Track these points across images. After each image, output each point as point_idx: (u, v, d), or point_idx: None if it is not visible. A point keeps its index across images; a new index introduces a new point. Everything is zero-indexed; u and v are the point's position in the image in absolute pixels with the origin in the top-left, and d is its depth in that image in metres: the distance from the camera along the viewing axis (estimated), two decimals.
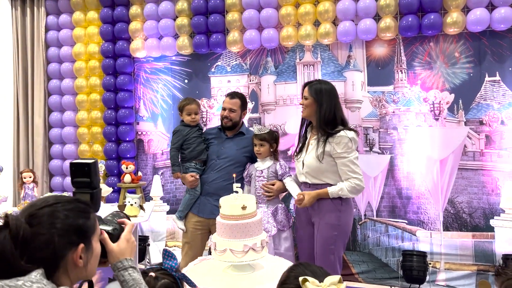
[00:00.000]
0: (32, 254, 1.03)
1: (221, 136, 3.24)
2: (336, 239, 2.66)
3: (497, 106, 3.73)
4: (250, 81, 4.44)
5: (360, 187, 2.66)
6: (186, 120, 3.26)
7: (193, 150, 3.20)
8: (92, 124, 4.82)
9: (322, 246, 2.68)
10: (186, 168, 3.23)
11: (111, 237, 1.29)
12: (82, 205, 1.16)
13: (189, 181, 3.17)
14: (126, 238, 1.32)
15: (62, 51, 4.90)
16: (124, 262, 1.28)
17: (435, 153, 3.88)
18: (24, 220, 1.05)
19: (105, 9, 4.69)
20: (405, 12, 3.77)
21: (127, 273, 1.26)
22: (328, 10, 3.94)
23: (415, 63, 3.92)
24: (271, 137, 3.01)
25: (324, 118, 2.66)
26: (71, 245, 1.09)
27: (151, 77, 4.73)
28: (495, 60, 3.71)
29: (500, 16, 3.52)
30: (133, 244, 1.34)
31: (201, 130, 3.31)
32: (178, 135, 3.24)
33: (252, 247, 2.14)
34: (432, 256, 3.88)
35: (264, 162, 3.04)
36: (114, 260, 1.27)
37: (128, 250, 1.31)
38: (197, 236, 3.18)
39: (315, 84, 2.76)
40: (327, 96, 2.69)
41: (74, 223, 1.11)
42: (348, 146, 2.62)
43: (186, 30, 4.39)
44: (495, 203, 3.73)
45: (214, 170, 3.16)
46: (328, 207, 2.67)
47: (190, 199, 3.23)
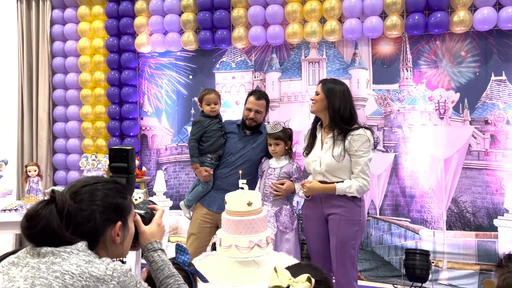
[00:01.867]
0: (76, 228, 1.13)
1: (239, 133, 3.19)
2: (357, 234, 2.71)
3: (502, 105, 3.72)
4: (255, 78, 4.43)
5: (366, 188, 2.68)
6: (206, 110, 3.18)
7: (212, 144, 3.14)
8: (96, 118, 4.82)
9: (343, 241, 2.68)
10: (202, 161, 3.18)
11: (143, 220, 1.38)
12: (120, 186, 1.26)
13: (203, 175, 3.14)
14: (157, 222, 1.41)
15: (67, 45, 4.90)
16: (154, 244, 1.36)
17: (439, 152, 3.87)
18: (68, 196, 1.15)
19: (111, 4, 4.68)
20: (412, 10, 3.76)
21: (157, 254, 1.34)
22: (334, 7, 3.93)
23: (421, 62, 3.90)
24: (286, 135, 2.98)
25: (339, 115, 2.66)
26: (110, 221, 1.19)
27: (156, 73, 4.73)
28: (502, 60, 3.70)
29: (507, 15, 3.51)
30: (163, 228, 1.43)
31: (221, 122, 3.24)
32: (198, 126, 3.16)
33: (257, 243, 2.15)
34: (435, 255, 3.88)
35: (279, 160, 3.00)
36: (145, 241, 1.36)
37: (159, 233, 1.40)
38: (204, 229, 3.17)
39: (329, 81, 2.77)
40: (340, 93, 2.69)
41: (113, 201, 1.21)
42: (365, 146, 2.63)
43: (191, 25, 4.38)
44: (499, 203, 3.73)
45: (229, 167, 3.14)
46: (349, 203, 2.69)
47: (201, 191, 3.20)
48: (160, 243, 1.38)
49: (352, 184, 2.64)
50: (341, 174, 2.69)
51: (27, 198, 3.28)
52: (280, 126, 2.96)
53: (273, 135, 2.92)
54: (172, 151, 4.70)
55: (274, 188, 2.89)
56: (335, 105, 2.66)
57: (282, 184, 2.89)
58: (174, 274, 1.31)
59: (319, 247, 2.84)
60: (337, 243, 2.70)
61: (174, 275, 1.31)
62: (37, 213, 1.10)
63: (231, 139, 3.19)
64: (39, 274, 1.05)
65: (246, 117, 3.12)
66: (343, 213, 2.68)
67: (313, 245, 2.87)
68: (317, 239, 2.83)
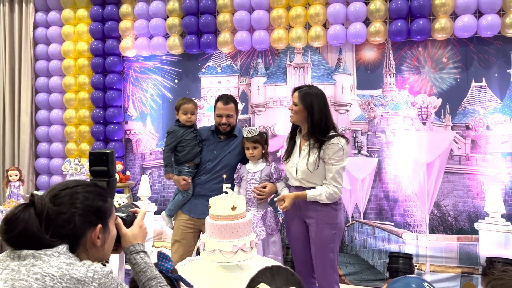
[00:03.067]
0: (55, 231, 1.14)
1: (214, 138, 3.20)
2: (335, 237, 2.76)
3: (482, 111, 3.80)
4: (241, 82, 4.45)
5: (337, 195, 2.70)
6: (182, 119, 3.20)
7: (187, 153, 3.15)
8: (80, 122, 4.77)
9: (322, 245, 2.74)
10: (179, 171, 3.20)
11: (125, 223, 1.38)
12: (100, 189, 1.27)
13: (181, 184, 3.15)
14: (139, 224, 1.41)
15: (50, 48, 4.85)
16: (137, 246, 1.36)
17: (422, 157, 3.93)
18: (48, 200, 1.16)
19: (95, 7, 4.66)
20: (395, 17, 3.82)
21: (139, 256, 1.34)
22: (319, 13, 3.97)
23: (404, 68, 3.97)
24: (262, 139, 3.02)
25: (316, 126, 2.68)
26: (90, 224, 1.20)
27: (141, 76, 4.70)
28: (482, 66, 3.78)
29: (487, 23, 3.59)
30: (145, 230, 1.43)
31: (196, 131, 3.26)
32: (173, 136, 3.18)
33: (241, 248, 2.15)
34: (418, 258, 3.92)
35: (257, 164, 3.03)
36: (127, 244, 1.37)
37: (141, 235, 1.40)
38: (188, 234, 3.17)
39: (305, 90, 2.75)
40: (317, 103, 2.70)
41: (93, 204, 1.22)
42: (338, 154, 2.67)
43: (177, 30, 4.38)
44: (479, 207, 3.80)
45: (207, 173, 3.15)
46: (325, 207, 2.72)
47: (182, 200, 3.21)
48: (143, 245, 1.38)
49: (322, 192, 2.68)
50: (317, 181, 2.73)
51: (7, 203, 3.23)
52: (257, 130, 2.99)
53: (250, 138, 2.95)
54: (157, 156, 4.68)
55: (257, 192, 2.90)
56: (314, 119, 2.68)
57: (265, 187, 2.92)
58: (157, 276, 1.31)
59: (301, 250, 2.88)
60: (316, 247, 2.76)
61: (157, 277, 1.31)
62: (15, 217, 1.11)
63: (207, 146, 3.19)
64: (19, 276, 1.05)
65: (219, 124, 3.12)
66: (320, 217, 2.74)
67: (295, 248, 2.92)
68: (299, 242, 2.87)
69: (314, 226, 2.76)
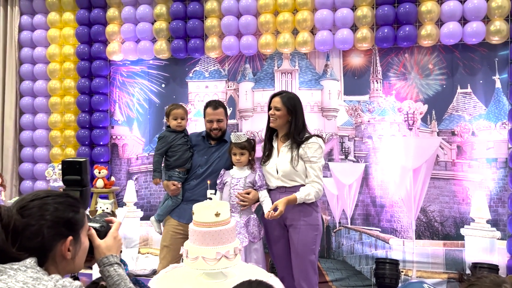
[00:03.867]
0: (23, 243, 1.10)
1: (205, 144, 3.20)
2: (316, 239, 2.81)
3: (468, 117, 3.82)
4: (228, 87, 4.43)
5: (321, 192, 2.80)
6: (172, 125, 3.21)
7: (178, 158, 3.15)
8: (65, 127, 4.71)
9: (304, 247, 2.77)
10: (169, 176, 3.19)
11: (98, 234, 1.35)
12: (72, 200, 1.22)
13: (171, 189, 3.14)
14: (113, 235, 1.38)
15: (35, 52, 4.79)
16: (110, 258, 1.33)
17: (408, 162, 3.94)
18: (15, 211, 1.12)
19: (82, 11, 4.61)
20: (381, 23, 3.84)
21: (113, 268, 1.31)
22: (306, 19, 3.98)
23: (390, 74, 3.99)
24: (250, 145, 2.99)
25: (297, 128, 2.80)
26: (60, 236, 1.15)
27: (128, 81, 4.66)
28: (467, 73, 3.82)
29: (472, 30, 3.63)
30: (119, 242, 1.40)
31: (187, 137, 3.25)
32: (163, 141, 3.18)
33: (224, 255, 2.12)
34: (404, 264, 3.93)
35: (242, 170, 3.00)
36: (100, 255, 1.33)
37: (115, 247, 1.36)
38: (177, 240, 3.13)
39: (285, 95, 2.87)
40: (299, 107, 2.84)
41: (63, 215, 1.17)
42: (318, 152, 2.78)
43: (164, 34, 4.35)
44: (465, 212, 3.82)
45: (198, 179, 3.14)
46: (307, 209, 2.78)
47: (171, 205, 3.20)
48: (117, 257, 1.35)
49: (310, 192, 2.74)
50: (297, 178, 2.81)
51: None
52: (245, 136, 2.97)
53: (238, 144, 2.92)
54: (143, 161, 4.63)
55: (241, 198, 2.88)
56: (297, 122, 2.80)
57: (248, 194, 2.89)
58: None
59: (283, 255, 2.90)
60: (298, 249, 2.79)
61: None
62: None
63: (197, 151, 3.20)
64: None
65: (210, 130, 3.11)
66: (302, 219, 2.78)
67: (277, 252, 2.94)
68: (280, 246, 2.90)
69: (297, 228, 2.79)
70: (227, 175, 3.02)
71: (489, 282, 1.32)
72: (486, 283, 1.31)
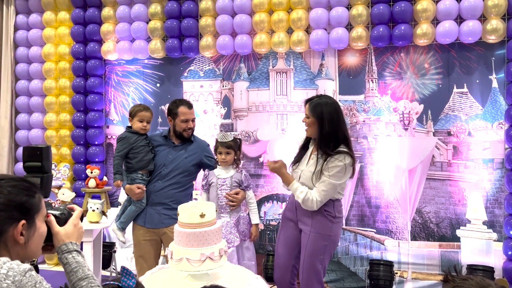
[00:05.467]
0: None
1: (168, 143, 3.09)
2: (326, 250, 2.65)
3: (464, 117, 3.78)
4: (223, 87, 4.40)
5: (312, 204, 2.57)
6: (136, 127, 3.06)
7: (140, 160, 3.01)
8: (60, 126, 4.70)
9: (311, 255, 2.64)
10: (132, 179, 3.04)
11: (58, 221, 1.32)
12: (27, 184, 1.21)
13: (136, 193, 2.98)
14: (73, 222, 1.35)
15: (31, 51, 4.78)
16: (69, 245, 1.30)
17: (404, 163, 3.90)
18: None
19: (77, 10, 4.60)
20: (377, 22, 3.81)
21: (71, 255, 1.28)
22: (301, 18, 3.95)
23: (386, 73, 3.95)
24: (236, 145, 2.98)
25: (324, 137, 2.56)
26: (12, 220, 1.15)
27: (123, 80, 4.65)
28: (463, 72, 3.77)
29: (468, 29, 3.58)
30: (80, 229, 1.36)
31: (148, 138, 3.12)
32: (125, 143, 3.03)
33: (209, 256, 2.09)
34: (399, 265, 3.89)
35: (227, 170, 2.99)
36: (59, 242, 1.31)
37: (75, 234, 1.34)
38: (149, 248, 3.05)
39: (315, 101, 2.63)
40: (328, 113, 2.56)
41: (16, 199, 1.16)
42: (336, 170, 2.53)
43: (158, 33, 4.33)
44: (461, 214, 3.77)
45: (162, 180, 3.03)
46: (321, 217, 2.62)
47: (135, 211, 3.05)
48: (77, 244, 1.32)
49: (304, 191, 2.57)
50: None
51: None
52: (231, 135, 2.94)
53: (224, 144, 2.90)
54: None
55: (229, 198, 2.86)
56: (324, 130, 2.56)
57: (237, 194, 2.87)
58: (89, 276, 1.25)
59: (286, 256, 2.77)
60: (306, 255, 2.66)
61: (88, 277, 1.25)
62: None
63: (160, 151, 3.07)
64: None
65: (184, 129, 3.00)
66: (314, 226, 2.64)
67: (281, 252, 2.80)
68: (287, 247, 2.77)
69: (307, 233, 2.66)
70: (212, 175, 2.99)
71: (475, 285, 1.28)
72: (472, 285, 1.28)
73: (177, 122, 3.02)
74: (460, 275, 1.36)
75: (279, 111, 4.24)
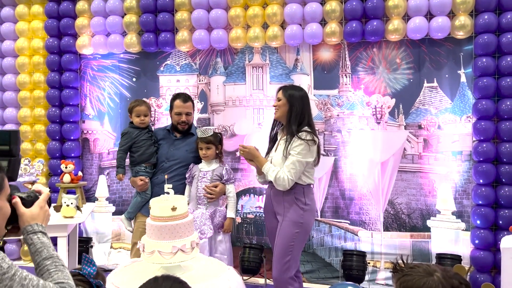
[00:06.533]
0: None
1: (170, 137, 3.23)
2: (297, 237, 2.72)
3: (434, 111, 3.89)
4: (200, 81, 4.42)
5: (284, 182, 2.68)
6: (135, 122, 3.24)
7: (143, 153, 3.18)
8: (35, 121, 4.65)
9: (281, 242, 2.73)
10: (136, 171, 3.21)
11: (24, 203, 1.33)
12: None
13: (139, 185, 3.16)
14: (39, 205, 1.36)
15: (4, 45, 4.71)
16: (35, 226, 1.30)
17: (376, 156, 3.99)
18: None
19: (51, 3, 4.54)
20: (350, 18, 3.87)
21: (36, 236, 1.29)
22: (276, 13, 3.99)
23: (359, 68, 4.02)
24: (216, 139, 3.03)
25: (293, 117, 2.76)
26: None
27: (98, 75, 4.62)
28: (433, 67, 3.87)
29: (437, 25, 3.67)
30: (46, 212, 1.38)
31: (151, 132, 3.28)
32: (127, 137, 3.21)
33: (181, 248, 2.14)
34: (373, 255, 3.99)
35: (210, 164, 3.06)
36: (24, 224, 1.31)
37: (41, 216, 1.34)
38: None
39: (288, 86, 2.94)
40: (298, 95, 2.81)
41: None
42: (299, 148, 2.69)
43: (134, 27, 4.32)
44: (431, 204, 3.89)
45: (165, 172, 3.13)
46: (292, 204, 2.74)
47: (141, 201, 3.22)
48: (42, 226, 1.33)
49: (276, 170, 2.70)
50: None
51: None
52: (211, 131, 3.00)
53: (204, 139, 2.96)
54: (115, 156, 4.56)
55: (208, 191, 2.91)
56: (293, 110, 2.76)
57: (216, 187, 2.92)
58: (53, 256, 1.27)
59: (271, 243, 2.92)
60: (277, 243, 2.75)
61: (53, 257, 1.26)
62: None
63: (163, 145, 3.22)
64: None
65: (177, 122, 3.13)
66: (285, 214, 2.75)
67: (272, 243, 2.90)
68: (272, 237, 2.87)
69: (280, 221, 2.77)
70: (196, 168, 3.06)
71: (422, 271, 1.35)
72: (419, 273, 1.35)
73: (172, 115, 3.18)
74: (407, 264, 1.43)
75: (255, 105, 4.28)
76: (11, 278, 1.10)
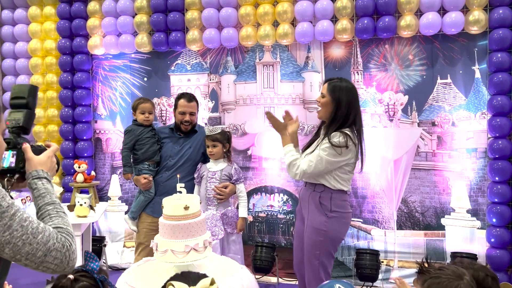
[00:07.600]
0: None
1: (174, 135, 3.23)
2: (322, 245, 2.52)
3: (448, 108, 3.83)
4: (210, 80, 4.42)
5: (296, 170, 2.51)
6: (140, 119, 3.24)
7: (146, 151, 3.17)
8: (48, 122, 4.70)
9: (307, 248, 2.59)
10: (139, 170, 3.20)
11: (33, 151, 1.33)
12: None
13: (142, 183, 3.14)
14: (47, 154, 1.35)
15: (17, 46, 4.76)
16: (40, 172, 1.29)
17: (389, 153, 3.95)
18: None
19: (63, 5, 4.58)
20: (361, 14, 3.83)
21: (41, 182, 1.27)
22: (286, 11, 3.96)
23: (371, 65, 3.98)
24: (224, 137, 3.01)
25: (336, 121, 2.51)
26: None
27: (110, 75, 4.64)
28: (447, 63, 3.81)
29: (451, 21, 3.62)
30: (53, 163, 1.37)
31: (154, 130, 3.28)
32: (131, 135, 3.21)
33: (194, 248, 2.14)
34: (386, 254, 3.96)
35: (218, 163, 3.04)
36: (31, 168, 1.29)
37: (48, 165, 1.33)
38: (152, 236, 3.10)
39: (335, 81, 2.57)
40: (346, 97, 2.51)
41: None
42: (327, 146, 2.45)
43: (145, 27, 4.33)
44: (446, 202, 3.84)
45: (169, 170, 3.15)
46: (316, 210, 2.53)
47: (144, 200, 3.21)
48: (48, 174, 1.32)
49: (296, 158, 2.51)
50: (319, 177, 2.54)
51: None
52: (219, 128, 2.99)
53: (210, 137, 2.94)
54: None
55: (217, 192, 2.89)
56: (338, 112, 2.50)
57: (225, 188, 2.91)
58: (55, 202, 1.25)
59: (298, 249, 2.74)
60: (305, 248, 2.61)
61: (55, 203, 1.25)
62: None
63: (167, 143, 3.21)
64: None
65: (181, 122, 3.12)
66: (309, 218, 2.58)
67: (295, 245, 2.78)
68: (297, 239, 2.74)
69: (305, 226, 2.62)
70: (204, 168, 3.04)
71: (451, 273, 1.32)
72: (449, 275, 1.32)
73: (176, 114, 3.18)
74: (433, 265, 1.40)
75: (266, 104, 4.27)
76: (10, 218, 1.08)
